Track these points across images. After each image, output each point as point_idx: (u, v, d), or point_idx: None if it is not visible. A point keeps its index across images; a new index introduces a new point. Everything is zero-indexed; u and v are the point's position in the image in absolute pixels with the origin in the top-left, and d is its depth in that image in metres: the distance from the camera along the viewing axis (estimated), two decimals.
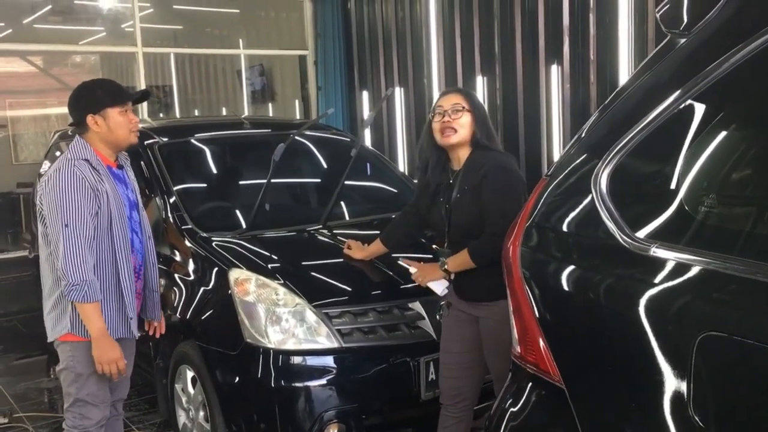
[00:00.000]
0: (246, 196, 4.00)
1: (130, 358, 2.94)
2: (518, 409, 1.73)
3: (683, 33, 1.52)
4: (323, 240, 3.62)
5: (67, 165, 2.65)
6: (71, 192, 2.60)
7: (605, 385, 1.50)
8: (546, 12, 5.81)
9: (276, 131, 4.56)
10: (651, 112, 1.49)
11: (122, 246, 2.73)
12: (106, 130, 2.73)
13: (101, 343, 2.65)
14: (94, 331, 2.64)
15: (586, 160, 1.62)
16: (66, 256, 2.57)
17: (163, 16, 9.07)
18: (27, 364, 4.97)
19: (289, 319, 2.99)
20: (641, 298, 1.40)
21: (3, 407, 4.31)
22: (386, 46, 7.61)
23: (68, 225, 2.58)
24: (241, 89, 9.73)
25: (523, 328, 1.71)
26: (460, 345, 2.84)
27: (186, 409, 3.38)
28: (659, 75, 1.54)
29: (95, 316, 2.64)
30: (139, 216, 2.90)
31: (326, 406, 2.93)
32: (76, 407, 2.77)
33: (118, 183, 2.78)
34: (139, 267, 2.88)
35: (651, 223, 1.46)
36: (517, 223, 1.76)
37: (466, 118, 2.75)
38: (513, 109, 6.21)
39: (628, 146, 1.52)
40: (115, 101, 2.73)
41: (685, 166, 1.42)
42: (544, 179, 1.73)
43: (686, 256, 1.35)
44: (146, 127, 4.45)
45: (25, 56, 10.78)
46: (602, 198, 1.53)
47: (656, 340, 1.36)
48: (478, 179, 2.68)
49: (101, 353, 2.65)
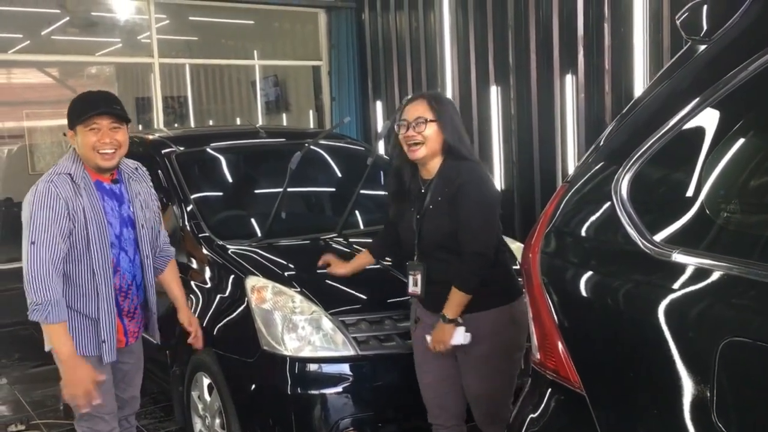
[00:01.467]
0: (262, 204, 4.02)
1: (134, 373, 2.90)
2: (538, 415, 1.72)
3: (703, 40, 1.52)
4: (339, 248, 3.63)
5: (45, 180, 2.57)
6: (41, 209, 2.50)
7: (626, 391, 1.49)
8: (560, 22, 5.83)
9: (291, 140, 4.59)
10: (671, 119, 1.49)
11: (102, 265, 2.61)
12: (80, 147, 2.61)
13: (71, 366, 2.52)
14: (62, 353, 2.52)
15: (605, 166, 1.62)
16: (30, 275, 2.47)
17: (179, 27, 9.15)
18: (43, 372, 4.99)
19: (306, 327, 3.00)
20: (662, 303, 1.40)
21: (20, 414, 4.35)
22: (400, 57, 7.65)
23: (35, 242, 2.48)
24: (255, 100, 9.79)
25: (542, 335, 1.71)
26: (433, 364, 2.77)
27: (202, 417, 3.39)
28: (679, 82, 1.55)
29: (61, 337, 2.52)
30: (135, 233, 2.75)
31: (342, 414, 2.93)
32: (84, 421, 2.71)
33: (107, 198, 2.67)
34: (128, 287, 2.76)
35: (672, 229, 1.46)
36: (536, 230, 1.76)
37: (431, 129, 2.62)
38: (527, 120, 6.22)
39: (648, 152, 1.52)
40: (78, 119, 2.58)
41: (706, 171, 1.42)
42: (563, 186, 1.73)
43: (708, 262, 1.35)
44: (162, 136, 4.49)
45: (42, 67, 10.90)
46: (622, 204, 1.53)
47: (678, 346, 1.35)
48: (452, 190, 2.59)
49: (70, 380, 2.53)
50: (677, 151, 1.49)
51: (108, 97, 2.67)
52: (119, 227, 2.70)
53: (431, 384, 2.81)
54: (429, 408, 2.86)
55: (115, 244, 2.68)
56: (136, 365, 2.93)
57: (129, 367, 2.88)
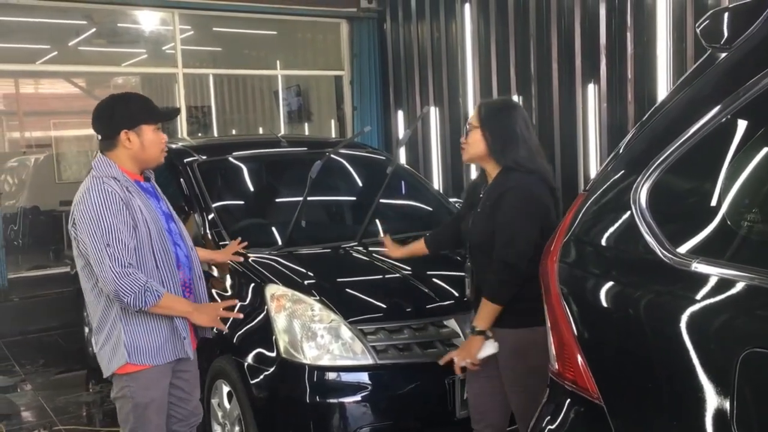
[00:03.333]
0: (282, 213, 4.05)
1: (194, 375, 2.89)
2: (556, 426, 1.71)
3: (724, 47, 1.51)
4: (358, 257, 3.64)
5: (97, 183, 2.53)
6: (105, 211, 2.48)
7: (645, 402, 1.47)
8: (582, 31, 5.80)
9: (312, 149, 4.61)
10: (691, 127, 1.48)
11: (165, 261, 2.63)
12: (138, 147, 2.60)
13: (197, 312, 2.64)
14: (184, 311, 2.62)
15: (624, 175, 1.61)
16: (116, 274, 2.45)
17: (203, 38, 9.25)
18: (67, 378, 5.06)
19: (325, 335, 3.00)
20: (682, 313, 1.38)
21: (43, 420, 4.39)
22: (422, 66, 7.66)
23: (110, 244, 2.47)
24: (277, 109, 9.87)
25: (560, 344, 1.70)
26: (482, 369, 2.73)
27: (222, 424, 3.40)
28: (699, 89, 1.53)
29: (173, 303, 2.59)
30: (177, 227, 2.80)
31: (361, 423, 2.93)
32: None
33: (149, 197, 2.68)
34: (189, 281, 2.76)
35: (692, 239, 1.45)
36: (554, 239, 1.75)
37: (475, 135, 2.67)
38: (549, 129, 6.19)
39: (668, 161, 1.51)
40: (151, 118, 2.63)
41: (726, 180, 1.41)
42: (582, 195, 1.72)
43: (728, 272, 1.33)
44: (185, 145, 4.54)
45: (69, 78, 11.08)
46: (641, 213, 1.52)
47: (698, 356, 1.34)
48: (497, 196, 2.61)
49: (203, 318, 2.64)
50: (697, 160, 1.47)
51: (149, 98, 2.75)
52: (166, 222, 2.72)
53: (476, 391, 2.80)
54: (472, 414, 2.84)
55: (169, 238, 2.69)
56: (195, 373, 2.92)
57: (190, 375, 2.87)
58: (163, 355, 2.65)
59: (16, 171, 9.98)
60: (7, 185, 9.80)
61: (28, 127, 12.71)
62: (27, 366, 5.55)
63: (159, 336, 2.62)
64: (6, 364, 5.60)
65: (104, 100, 2.68)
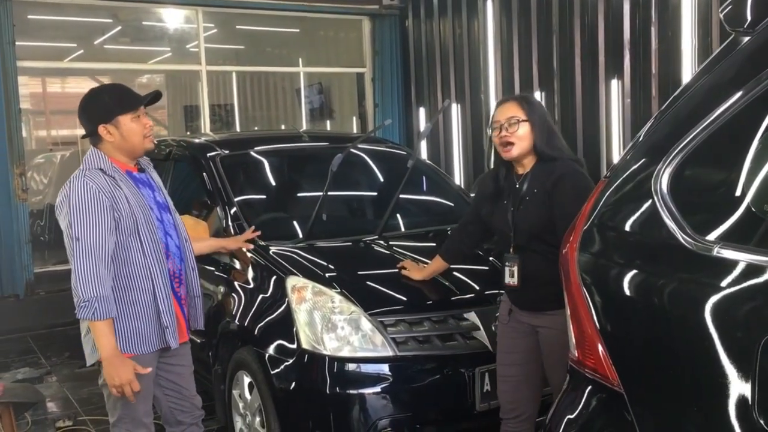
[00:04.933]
0: (303, 206, 4.06)
1: (187, 370, 2.90)
2: (576, 414, 1.70)
3: (747, 31, 1.49)
4: (379, 250, 3.64)
5: (79, 177, 2.55)
6: (81, 204, 2.49)
7: (665, 388, 1.47)
8: (606, 26, 5.76)
9: (333, 144, 4.63)
10: (713, 112, 1.46)
11: (153, 250, 2.62)
12: (119, 138, 2.61)
13: (111, 362, 2.50)
14: (104, 350, 2.49)
15: (646, 161, 1.60)
16: (76, 272, 2.45)
17: (226, 36, 9.32)
18: (90, 371, 5.09)
19: (345, 327, 3.01)
20: (703, 299, 1.37)
21: (68, 411, 4.46)
22: (443, 63, 7.65)
23: (79, 239, 2.46)
24: (300, 107, 9.91)
25: (580, 332, 1.69)
26: (518, 357, 2.79)
27: (243, 415, 3.43)
28: (721, 74, 1.52)
29: (105, 333, 2.49)
30: (172, 218, 2.79)
31: (380, 414, 2.93)
32: (123, 424, 2.70)
33: (141, 186, 2.68)
34: (179, 271, 2.77)
35: (713, 224, 1.44)
36: (575, 226, 1.74)
37: (524, 128, 2.68)
38: (572, 125, 6.15)
39: (690, 146, 1.49)
40: (125, 108, 2.59)
41: (748, 165, 1.39)
42: (602, 182, 1.72)
43: (751, 257, 1.32)
44: (208, 140, 4.58)
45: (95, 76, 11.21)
46: (663, 199, 1.51)
47: (719, 342, 1.33)
48: (551, 182, 2.63)
49: (111, 375, 2.50)
50: (719, 145, 1.46)
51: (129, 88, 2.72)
52: (159, 212, 2.72)
53: (509, 378, 2.81)
54: (501, 403, 2.86)
55: (160, 228, 2.70)
56: (189, 367, 2.94)
57: (182, 369, 2.89)
58: (147, 344, 2.64)
59: (42, 168, 10.11)
60: (34, 182, 9.94)
61: (54, 125, 12.89)
62: (52, 358, 5.64)
63: (142, 326, 2.62)
64: (32, 357, 5.70)
65: (82, 98, 2.68)
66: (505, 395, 2.84)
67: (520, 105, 2.72)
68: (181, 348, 2.82)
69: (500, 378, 2.86)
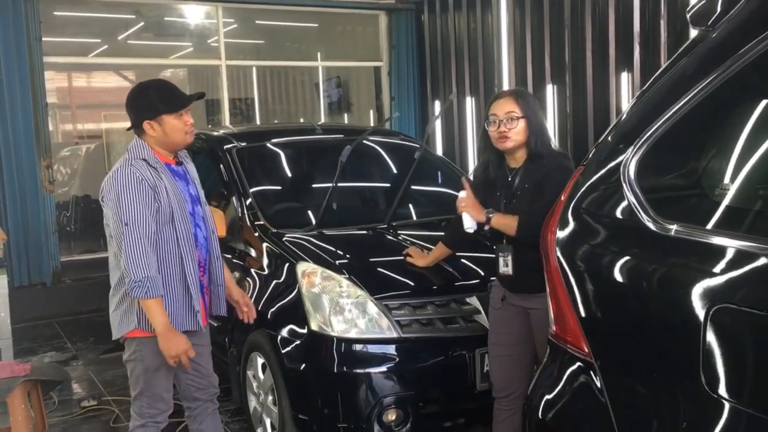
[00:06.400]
0: (315, 196, 4.21)
1: (206, 350, 3.06)
2: (554, 382, 1.84)
3: (708, 29, 1.61)
4: (386, 238, 3.79)
5: (125, 165, 2.72)
6: (128, 191, 2.66)
7: (630, 358, 1.60)
8: (616, 20, 5.84)
9: (346, 136, 4.77)
10: (676, 104, 1.59)
11: (186, 239, 2.78)
12: (161, 134, 2.77)
13: (166, 336, 2.68)
14: (159, 326, 2.68)
15: (617, 150, 1.73)
16: (127, 254, 2.62)
17: (246, 30, 9.49)
18: (114, 355, 5.32)
19: (352, 310, 3.16)
20: (662, 275, 1.50)
21: (93, 392, 4.67)
22: (458, 57, 7.76)
23: (128, 223, 2.64)
24: (318, 101, 10.07)
25: (558, 309, 1.83)
26: (511, 338, 2.92)
27: (256, 394, 3.60)
28: (685, 69, 1.64)
29: (158, 311, 2.68)
30: (202, 210, 2.96)
31: (385, 392, 3.08)
32: (144, 398, 2.86)
33: (177, 179, 2.85)
34: (204, 261, 2.93)
35: (675, 207, 1.57)
36: (554, 211, 1.87)
37: (521, 124, 2.82)
38: (583, 118, 6.24)
39: (654, 136, 1.62)
40: (170, 108, 2.76)
41: (704, 153, 1.52)
42: (580, 169, 1.85)
43: (701, 236, 1.45)
44: (225, 132, 4.75)
45: (119, 71, 11.45)
46: (630, 184, 1.64)
47: (673, 313, 1.46)
48: (539, 176, 2.77)
49: (168, 347, 2.69)
50: (679, 135, 1.58)
51: (175, 86, 2.88)
52: (191, 205, 2.89)
53: (502, 358, 2.94)
54: (495, 382, 2.98)
55: (191, 220, 2.86)
56: (208, 347, 3.11)
57: (202, 349, 3.04)
58: (176, 326, 2.79)
59: (68, 161, 10.37)
60: (60, 174, 10.20)
61: (79, 119, 13.17)
62: (78, 343, 5.87)
63: (171, 307, 2.78)
64: (59, 342, 5.93)
65: (130, 91, 2.85)
66: (497, 374, 2.97)
67: (516, 101, 2.85)
68: (202, 330, 2.98)
69: (493, 358, 2.99)
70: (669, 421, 1.46)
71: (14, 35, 6.26)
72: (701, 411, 1.41)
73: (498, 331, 2.97)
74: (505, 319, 2.93)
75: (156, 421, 2.91)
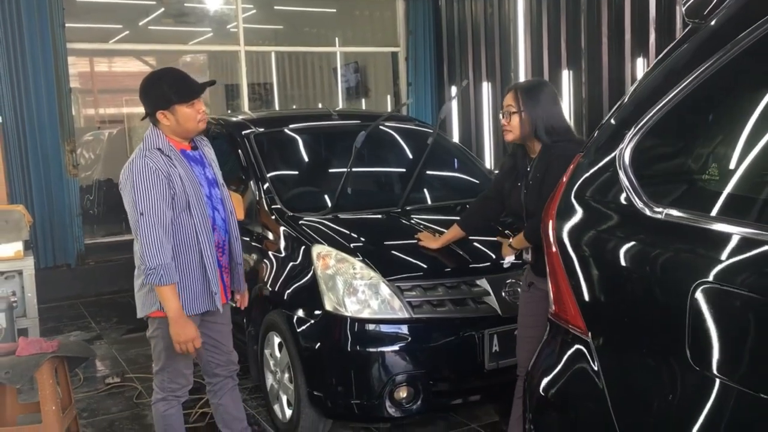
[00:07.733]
0: (331, 181, 4.31)
1: (226, 328, 3.21)
2: (553, 360, 1.93)
3: (700, 22, 1.68)
4: (399, 221, 3.89)
5: (139, 156, 2.82)
6: (143, 182, 2.76)
7: (624, 335, 1.69)
8: (632, 5, 5.86)
9: (362, 122, 4.86)
10: (669, 94, 1.66)
11: (202, 223, 2.89)
12: (175, 123, 2.86)
13: (177, 323, 2.79)
14: (171, 311, 2.79)
15: (613, 138, 1.80)
16: (143, 243, 2.74)
17: (265, 16, 9.58)
18: (137, 335, 5.49)
19: (365, 291, 3.27)
20: (653, 256, 1.58)
21: (116, 369, 4.84)
22: (475, 42, 7.80)
23: (143, 213, 2.75)
24: (336, 86, 10.15)
25: (557, 289, 1.91)
26: (535, 320, 2.94)
27: (273, 372, 3.72)
28: (677, 60, 1.71)
29: (171, 297, 2.79)
30: (220, 192, 3.05)
31: (396, 371, 3.19)
32: (165, 373, 3.01)
33: (193, 164, 2.95)
34: (223, 242, 3.05)
35: (667, 192, 1.64)
36: (554, 196, 1.96)
37: (515, 119, 2.90)
38: (598, 103, 6.27)
39: (648, 124, 1.69)
40: (181, 98, 2.84)
41: (694, 141, 1.59)
42: (579, 155, 1.92)
43: (689, 219, 1.53)
44: (244, 118, 4.85)
45: (140, 56, 11.61)
46: (625, 170, 1.71)
47: (660, 291, 1.54)
48: (545, 168, 2.85)
49: (177, 332, 2.80)
50: (671, 123, 1.66)
51: (187, 75, 2.97)
52: (208, 188, 3.00)
53: (526, 338, 2.98)
54: (520, 361, 3.05)
55: (208, 203, 2.98)
56: (228, 325, 3.25)
57: (222, 327, 3.20)
58: (193, 306, 2.93)
59: (91, 145, 10.56)
60: (83, 159, 10.39)
61: (102, 104, 13.37)
62: (102, 323, 6.05)
63: (191, 289, 2.91)
64: (83, 321, 6.12)
65: (143, 82, 2.93)
66: (522, 354, 3.03)
67: (515, 96, 2.93)
68: (223, 308, 3.11)
69: (519, 338, 3.07)
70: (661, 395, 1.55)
71: (38, 22, 6.40)
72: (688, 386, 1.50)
73: (525, 314, 3.05)
74: (531, 302, 2.97)
75: (176, 395, 3.05)
